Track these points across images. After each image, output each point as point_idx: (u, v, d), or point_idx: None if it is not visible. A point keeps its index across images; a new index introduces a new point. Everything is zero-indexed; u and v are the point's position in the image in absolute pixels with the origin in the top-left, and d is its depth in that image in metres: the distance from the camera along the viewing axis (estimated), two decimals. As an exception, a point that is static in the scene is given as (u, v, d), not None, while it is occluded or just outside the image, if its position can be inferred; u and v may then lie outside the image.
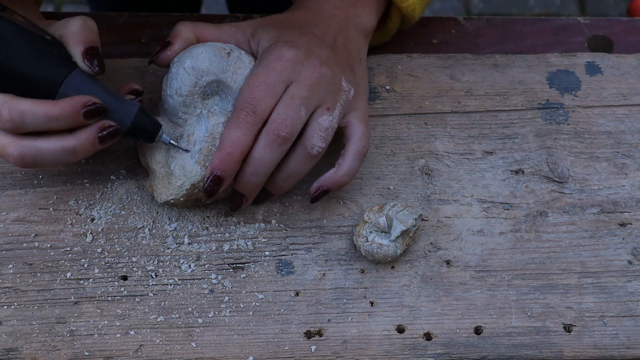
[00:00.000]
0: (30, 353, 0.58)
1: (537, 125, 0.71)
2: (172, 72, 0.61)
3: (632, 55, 0.75)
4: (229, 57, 0.61)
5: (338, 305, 0.61)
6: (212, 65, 0.60)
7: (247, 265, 0.63)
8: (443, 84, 0.73)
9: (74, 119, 0.56)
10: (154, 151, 0.61)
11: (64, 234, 0.63)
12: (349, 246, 0.64)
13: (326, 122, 0.61)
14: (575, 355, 0.60)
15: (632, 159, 0.69)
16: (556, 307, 0.62)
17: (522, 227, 0.65)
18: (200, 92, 0.61)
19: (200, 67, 0.60)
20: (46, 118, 0.56)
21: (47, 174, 0.66)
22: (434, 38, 0.76)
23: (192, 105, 0.61)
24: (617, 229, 0.66)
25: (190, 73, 0.60)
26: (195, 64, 0.60)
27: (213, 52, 0.61)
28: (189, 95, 0.60)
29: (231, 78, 0.61)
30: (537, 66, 0.74)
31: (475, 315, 0.61)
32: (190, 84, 0.60)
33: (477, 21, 0.78)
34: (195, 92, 0.60)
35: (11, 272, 0.61)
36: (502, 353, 0.60)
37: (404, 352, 0.60)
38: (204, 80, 0.60)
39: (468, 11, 1.87)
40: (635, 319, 0.62)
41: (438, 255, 0.64)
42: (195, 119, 0.61)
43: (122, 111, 0.59)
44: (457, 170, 0.68)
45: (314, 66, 0.61)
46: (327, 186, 0.63)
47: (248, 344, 0.59)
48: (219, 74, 0.61)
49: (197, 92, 0.60)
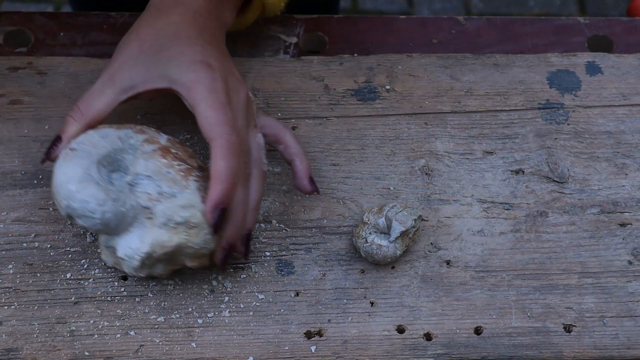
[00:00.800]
0: (30, 353, 0.58)
1: (537, 125, 0.71)
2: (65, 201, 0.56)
3: (632, 55, 0.75)
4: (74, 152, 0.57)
5: (338, 306, 0.61)
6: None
7: (247, 266, 0.63)
8: (443, 83, 0.73)
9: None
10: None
11: (64, 234, 0.63)
12: (349, 246, 0.64)
13: (261, 140, 0.61)
14: (575, 355, 0.60)
15: (632, 159, 0.69)
16: (556, 308, 0.62)
17: (522, 227, 0.65)
18: (106, 174, 0.57)
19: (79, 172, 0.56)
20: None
21: (47, 174, 0.66)
22: (434, 38, 0.76)
23: (121, 199, 0.56)
24: (617, 229, 0.66)
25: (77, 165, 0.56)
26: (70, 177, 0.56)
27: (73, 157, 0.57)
28: (97, 180, 0.56)
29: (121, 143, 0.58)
30: (537, 66, 0.74)
31: (476, 316, 0.61)
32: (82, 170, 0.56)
33: (477, 21, 0.78)
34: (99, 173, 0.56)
35: (11, 272, 0.61)
36: (502, 353, 0.60)
37: (404, 353, 0.60)
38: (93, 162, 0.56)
39: (468, 11, 1.87)
40: (635, 319, 0.62)
41: (438, 256, 0.64)
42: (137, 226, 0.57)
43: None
44: (457, 170, 0.68)
45: (236, 89, 0.60)
46: (307, 176, 0.62)
47: (248, 344, 0.59)
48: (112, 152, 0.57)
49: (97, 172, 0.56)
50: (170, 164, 0.57)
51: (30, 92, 0.69)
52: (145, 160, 0.57)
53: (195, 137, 0.68)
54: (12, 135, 0.67)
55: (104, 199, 0.55)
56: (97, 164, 0.56)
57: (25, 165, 0.66)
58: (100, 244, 0.59)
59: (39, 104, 0.69)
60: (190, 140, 0.68)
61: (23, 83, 0.70)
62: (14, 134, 0.67)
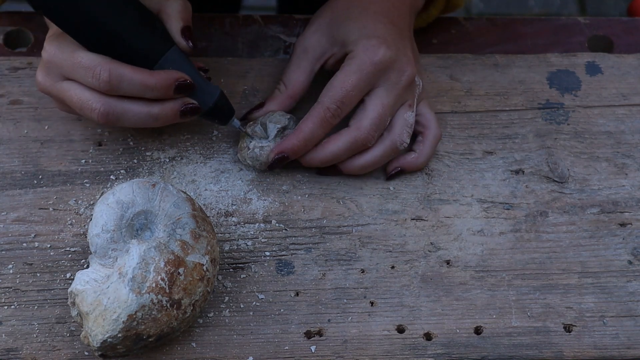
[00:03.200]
0: (30, 353, 0.58)
1: (537, 125, 0.71)
2: (96, 211, 0.57)
3: (632, 55, 0.75)
4: (154, 188, 0.58)
5: (338, 305, 0.61)
6: (136, 196, 0.57)
7: (247, 265, 0.63)
8: (443, 84, 0.73)
9: (165, 91, 0.60)
10: (83, 295, 0.55)
11: (64, 234, 0.63)
12: (349, 246, 0.64)
13: (411, 119, 0.65)
14: (575, 355, 0.60)
15: (632, 159, 0.69)
16: (556, 307, 0.62)
17: (522, 227, 0.65)
18: (128, 226, 0.57)
19: (124, 200, 0.57)
20: (142, 86, 0.59)
21: (47, 174, 0.66)
22: (434, 38, 0.76)
23: (120, 240, 0.56)
24: (617, 229, 0.66)
25: (115, 207, 0.57)
26: (119, 198, 0.57)
27: (137, 185, 0.58)
28: (115, 229, 0.56)
29: (158, 206, 0.58)
30: (537, 66, 0.74)
31: (475, 315, 0.61)
32: (116, 218, 0.56)
33: (477, 21, 0.78)
34: (123, 226, 0.56)
35: (11, 272, 0.61)
36: (502, 353, 0.60)
37: (404, 352, 0.60)
38: (130, 213, 0.57)
39: (468, 11, 1.87)
40: (635, 319, 0.62)
41: (438, 255, 0.64)
42: (125, 252, 0.56)
43: (206, 92, 0.62)
44: (457, 170, 0.68)
45: (402, 70, 0.63)
46: (406, 167, 0.66)
47: (248, 344, 0.59)
48: (145, 204, 0.57)
49: (125, 225, 0.57)
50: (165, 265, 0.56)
51: (30, 92, 0.69)
52: (160, 252, 0.56)
53: (195, 137, 0.68)
54: (12, 135, 0.67)
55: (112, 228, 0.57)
56: (135, 214, 0.57)
57: (25, 165, 0.66)
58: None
59: (38, 104, 0.69)
60: (191, 140, 0.68)
61: (23, 83, 0.70)
62: (14, 134, 0.67)
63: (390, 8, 0.66)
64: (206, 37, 0.74)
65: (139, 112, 0.60)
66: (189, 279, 0.56)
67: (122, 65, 0.58)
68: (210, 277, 0.57)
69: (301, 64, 0.66)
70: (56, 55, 0.60)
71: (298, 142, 0.63)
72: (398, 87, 0.63)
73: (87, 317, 0.55)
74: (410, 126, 0.65)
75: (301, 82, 0.66)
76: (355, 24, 0.64)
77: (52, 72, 0.60)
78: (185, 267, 0.56)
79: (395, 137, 0.64)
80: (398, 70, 0.63)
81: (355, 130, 0.63)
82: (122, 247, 0.56)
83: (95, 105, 0.59)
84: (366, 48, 0.62)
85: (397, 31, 0.65)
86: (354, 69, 0.62)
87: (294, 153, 0.63)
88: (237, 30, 0.75)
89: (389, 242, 0.64)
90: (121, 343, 0.54)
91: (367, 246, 0.64)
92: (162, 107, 0.61)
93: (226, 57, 0.73)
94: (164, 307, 0.54)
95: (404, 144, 0.65)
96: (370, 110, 0.63)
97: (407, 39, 0.66)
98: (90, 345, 0.55)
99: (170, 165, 0.67)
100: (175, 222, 0.57)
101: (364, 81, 0.62)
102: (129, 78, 0.58)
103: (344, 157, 0.64)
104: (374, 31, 0.64)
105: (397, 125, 0.64)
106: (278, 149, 0.63)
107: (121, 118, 0.60)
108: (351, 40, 0.64)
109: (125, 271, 0.55)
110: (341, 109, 0.62)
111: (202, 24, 0.75)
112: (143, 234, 0.57)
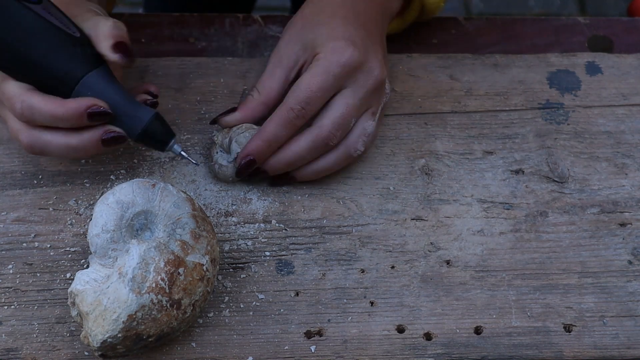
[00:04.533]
0: (30, 353, 0.58)
1: (537, 125, 0.71)
2: (96, 211, 0.57)
3: (632, 55, 0.75)
4: (154, 188, 0.58)
5: (338, 305, 0.61)
6: (136, 196, 0.57)
7: (247, 265, 0.63)
8: (443, 84, 0.73)
9: (77, 120, 0.57)
10: (83, 295, 0.55)
11: (64, 234, 0.63)
12: (349, 246, 0.64)
13: (370, 128, 0.64)
14: (575, 355, 0.60)
15: (632, 159, 0.69)
16: (556, 307, 0.62)
17: (522, 227, 0.65)
18: (128, 226, 0.56)
19: (124, 200, 0.57)
20: (51, 117, 0.57)
21: (47, 174, 0.66)
22: (434, 38, 0.76)
23: (120, 240, 0.56)
24: (617, 229, 0.66)
25: (115, 207, 0.56)
26: (119, 198, 0.57)
27: (137, 185, 0.58)
28: (115, 229, 0.56)
29: (158, 206, 0.57)
30: (537, 66, 0.74)
31: (475, 315, 0.61)
32: (116, 218, 0.56)
33: (477, 21, 0.78)
34: (123, 226, 0.56)
35: (11, 272, 0.61)
36: (502, 353, 0.60)
37: (404, 352, 0.60)
38: (130, 213, 0.56)
39: (468, 11, 1.87)
40: (635, 319, 0.62)
41: (438, 255, 0.64)
42: (125, 252, 0.56)
43: (135, 117, 0.58)
44: (457, 170, 0.68)
45: (370, 72, 0.63)
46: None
47: (248, 344, 0.59)
48: (145, 204, 0.57)
49: (125, 225, 0.56)
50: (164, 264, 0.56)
51: (30, 92, 0.69)
52: (160, 252, 0.56)
53: (195, 137, 0.68)
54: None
55: (112, 228, 0.56)
56: (135, 214, 0.57)
57: (25, 165, 0.66)
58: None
59: (39, 104, 0.69)
60: (191, 140, 0.68)
61: (23, 83, 0.70)
62: (14, 134, 0.67)
63: (361, 12, 0.65)
64: (206, 37, 0.75)
65: (58, 144, 0.58)
66: (189, 279, 0.56)
67: (34, 96, 0.57)
68: (210, 277, 0.57)
69: (275, 71, 0.65)
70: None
71: (262, 143, 0.62)
72: (365, 89, 0.63)
73: (87, 317, 0.55)
74: (368, 135, 0.64)
75: (275, 90, 0.65)
76: (324, 28, 0.63)
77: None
78: (185, 267, 0.56)
79: (350, 144, 0.64)
80: (367, 72, 0.62)
81: (317, 129, 0.62)
82: (122, 247, 0.56)
83: (21, 137, 0.59)
84: (334, 49, 0.62)
85: (367, 34, 0.64)
86: (320, 70, 0.61)
87: (259, 154, 0.62)
88: (237, 30, 0.75)
89: (389, 242, 0.64)
90: (121, 343, 0.54)
91: (367, 246, 0.64)
92: (80, 138, 0.58)
93: (226, 57, 0.73)
94: (164, 307, 0.55)
95: (357, 152, 0.64)
96: (333, 110, 0.62)
97: (378, 43, 0.65)
98: (90, 345, 0.55)
99: (170, 165, 0.67)
100: (175, 222, 0.57)
101: (330, 82, 0.61)
102: (38, 109, 0.56)
103: (308, 157, 0.63)
104: (343, 33, 0.63)
105: (354, 133, 0.64)
106: (243, 152, 0.62)
107: (45, 150, 0.59)
108: (319, 43, 0.62)
109: (125, 271, 0.55)
110: (306, 110, 0.61)
111: (202, 24, 0.75)
112: (143, 234, 0.57)
